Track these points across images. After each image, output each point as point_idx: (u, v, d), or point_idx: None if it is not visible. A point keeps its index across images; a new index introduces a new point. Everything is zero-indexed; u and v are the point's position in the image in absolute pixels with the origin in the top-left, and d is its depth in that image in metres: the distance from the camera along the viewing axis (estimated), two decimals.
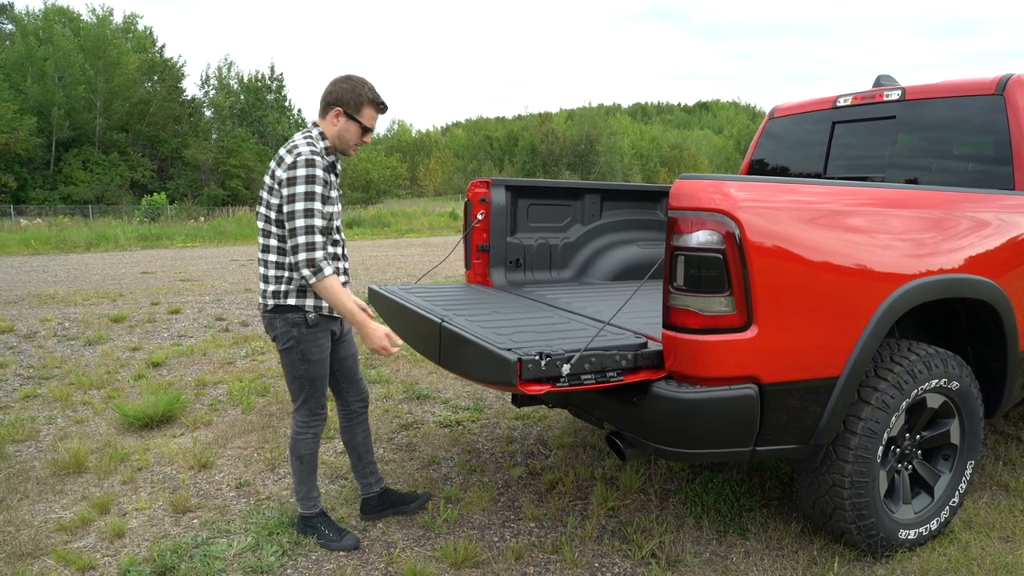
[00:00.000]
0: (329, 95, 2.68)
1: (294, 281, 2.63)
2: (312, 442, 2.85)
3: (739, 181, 2.38)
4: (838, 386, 2.52)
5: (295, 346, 2.69)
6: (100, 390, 4.98)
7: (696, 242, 2.29)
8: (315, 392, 2.79)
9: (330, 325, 2.77)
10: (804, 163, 4.38)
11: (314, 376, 2.76)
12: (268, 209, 2.61)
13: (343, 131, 2.68)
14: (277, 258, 2.63)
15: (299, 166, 2.51)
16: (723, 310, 2.32)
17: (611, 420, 2.62)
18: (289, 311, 2.65)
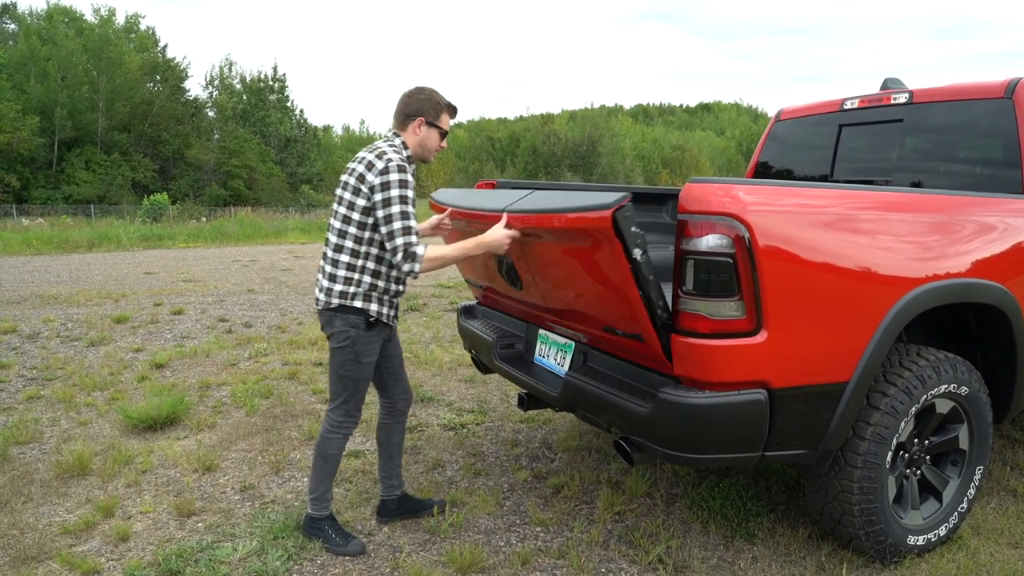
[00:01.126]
0: (408, 107, 2.81)
1: (363, 285, 2.72)
2: (340, 443, 2.89)
3: (749, 185, 2.37)
4: (847, 391, 2.50)
5: (350, 346, 2.75)
6: (104, 391, 4.97)
7: (706, 246, 2.27)
8: (356, 394, 2.84)
9: (385, 331, 2.86)
10: (811, 166, 4.37)
11: (360, 378, 2.81)
12: (350, 210, 2.68)
13: (425, 139, 2.83)
14: (350, 259, 2.71)
15: (391, 171, 2.61)
16: (733, 314, 2.30)
17: (619, 424, 2.60)
18: (351, 312, 2.72)
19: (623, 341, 2.57)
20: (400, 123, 2.82)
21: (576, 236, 2.43)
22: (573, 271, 2.59)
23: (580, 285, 2.61)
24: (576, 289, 2.65)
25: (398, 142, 2.79)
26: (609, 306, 2.52)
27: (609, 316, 2.55)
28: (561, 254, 2.60)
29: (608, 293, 2.46)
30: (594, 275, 2.48)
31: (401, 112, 2.82)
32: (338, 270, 2.72)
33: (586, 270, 2.51)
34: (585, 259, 2.48)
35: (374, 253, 2.71)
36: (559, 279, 2.73)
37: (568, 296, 2.75)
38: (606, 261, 2.36)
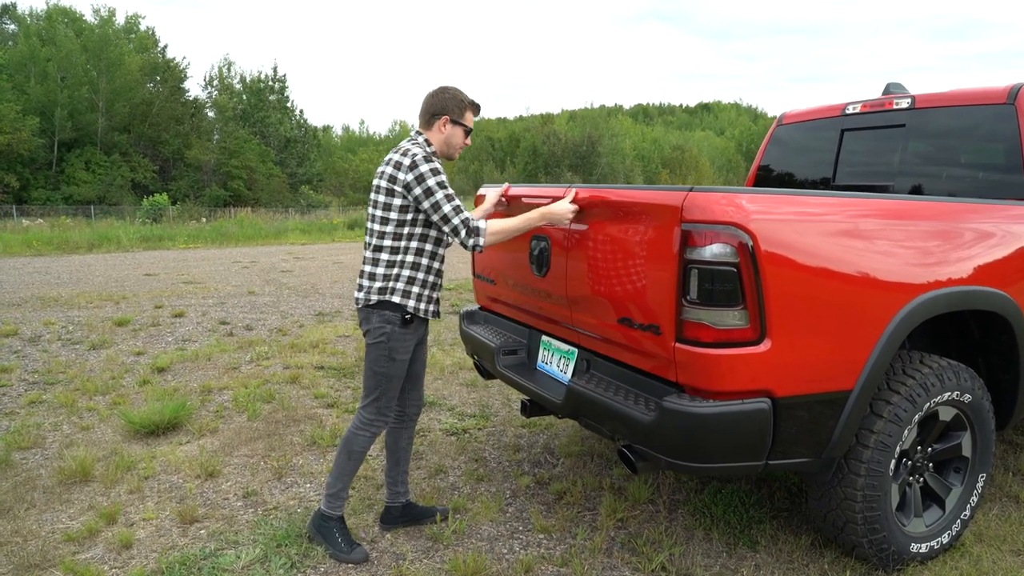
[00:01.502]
0: (433, 107, 2.88)
1: (402, 279, 2.79)
2: (368, 441, 2.91)
3: (752, 193, 2.37)
4: (851, 399, 2.50)
5: (385, 342, 2.80)
6: (105, 396, 4.97)
7: (710, 255, 2.27)
8: (388, 391, 2.87)
9: (420, 329, 2.91)
10: (813, 170, 4.37)
11: (393, 375, 2.84)
12: (387, 211, 2.76)
13: (450, 136, 2.90)
14: (390, 256, 2.78)
15: (419, 164, 2.70)
16: (736, 323, 2.30)
17: (622, 433, 2.60)
18: (389, 307, 2.78)
19: (634, 336, 2.56)
20: (425, 122, 2.90)
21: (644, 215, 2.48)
22: (618, 252, 2.60)
23: (619, 267, 2.60)
24: (612, 272, 2.64)
25: (421, 140, 2.86)
26: (638, 292, 2.51)
27: (632, 304, 2.54)
28: (614, 234, 2.63)
29: (645, 277, 2.48)
30: (640, 257, 2.50)
31: (426, 111, 2.89)
32: (378, 268, 2.80)
33: (634, 251, 2.52)
34: (639, 240, 2.50)
35: (413, 247, 2.79)
36: (598, 261, 2.72)
37: (598, 280, 2.73)
38: (660, 243, 2.39)
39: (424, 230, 2.80)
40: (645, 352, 2.55)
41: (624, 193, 2.61)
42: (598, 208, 2.73)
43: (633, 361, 2.65)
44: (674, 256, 2.34)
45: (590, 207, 2.78)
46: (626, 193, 2.60)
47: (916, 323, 2.57)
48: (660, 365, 2.50)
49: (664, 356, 2.44)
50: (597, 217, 2.74)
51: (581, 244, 2.82)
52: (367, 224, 2.86)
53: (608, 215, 2.68)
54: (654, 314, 2.44)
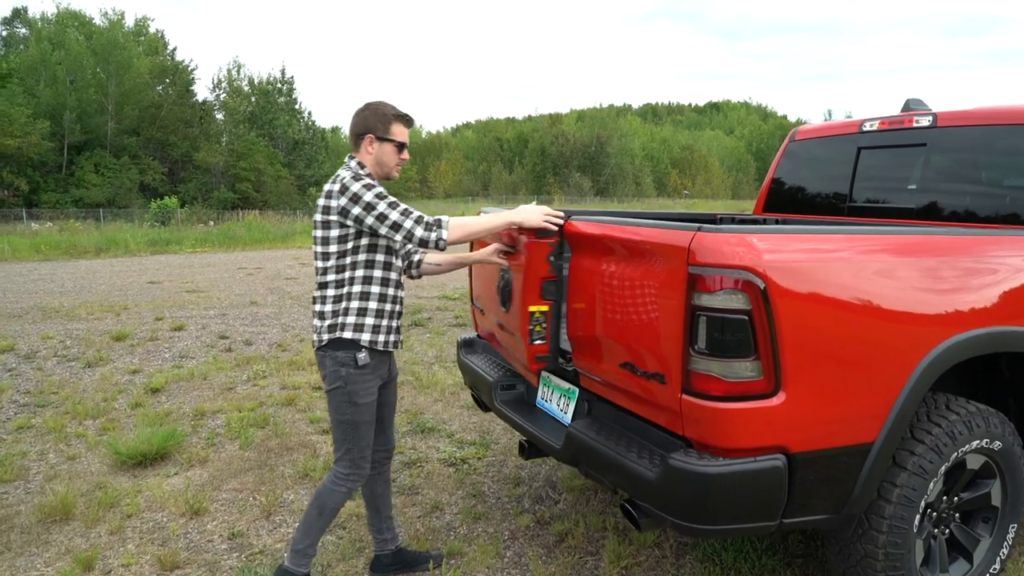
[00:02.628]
0: (356, 127, 2.69)
1: (351, 312, 2.58)
2: (343, 497, 2.69)
3: (766, 233, 2.19)
4: (873, 452, 2.31)
5: (342, 387, 2.58)
6: (96, 420, 4.84)
7: (720, 302, 2.09)
8: (359, 440, 2.65)
9: (380, 368, 2.68)
10: (827, 188, 4.17)
11: (359, 421, 2.62)
12: (326, 244, 2.57)
13: (380, 155, 2.69)
14: (335, 291, 2.59)
15: (349, 184, 2.51)
16: (749, 375, 2.12)
17: (625, 487, 2.43)
18: (340, 348, 2.57)
19: (637, 383, 2.37)
20: (354, 144, 2.71)
21: (647, 255, 2.30)
22: (620, 292, 2.40)
23: (621, 308, 2.40)
24: (613, 313, 2.44)
25: (353, 163, 2.66)
26: (641, 337, 2.32)
27: (635, 349, 2.35)
28: (616, 272, 2.43)
29: (649, 321, 2.28)
30: (644, 299, 2.30)
31: (352, 133, 2.71)
32: (326, 305, 2.60)
33: (637, 293, 2.33)
34: (642, 281, 2.31)
35: (359, 276, 2.59)
36: (598, 300, 2.51)
37: (598, 321, 2.53)
38: (665, 286, 2.21)
39: (368, 256, 2.59)
40: (649, 401, 2.37)
41: (627, 230, 2.42)
42: (598, 243, 2.55)
43: (636, 409, 2.48)
44: (681, 301, 2.16)
45: (589, 242, 2.60)
46: (629, 230, 2.40)
47: (945, 368, 2.38)
48: (665, 416, 2.32)
49: (669, 407, 2.26)
50: (597, 252, 2.56)
51: (580, 280, 2.64)
52: (315, 263, 2.65)
53: (609, 251, 2.50)
54: (659, 362, 2.26)
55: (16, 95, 36.66)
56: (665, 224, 2.29)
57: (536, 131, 74.60)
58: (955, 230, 2.79)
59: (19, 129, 34.61)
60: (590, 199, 57.96)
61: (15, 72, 39.15)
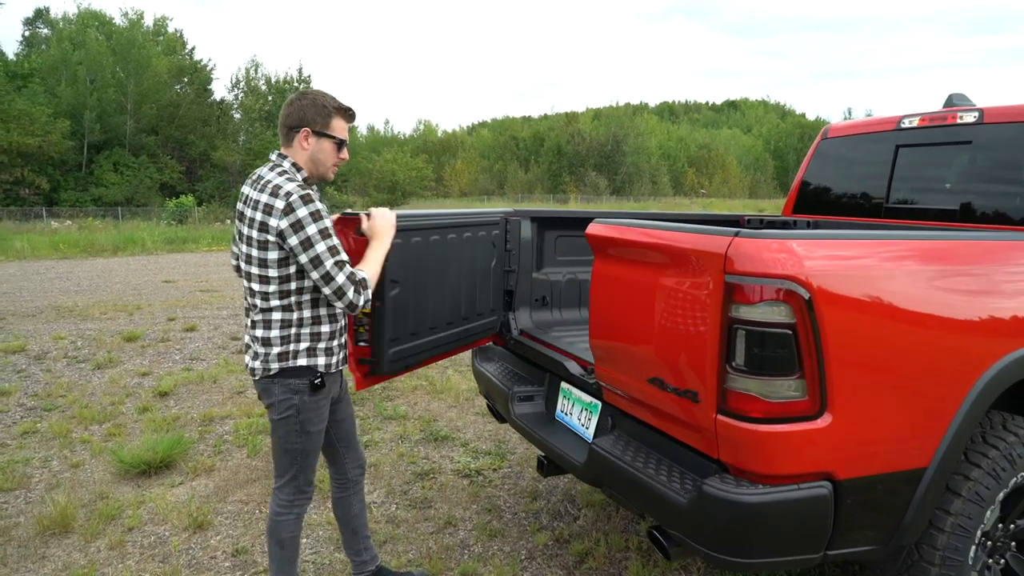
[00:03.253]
0: (289, 118, 2.35)
1: (304, 338, 2.33)
2: (295, 523, 2.49)
3: (811, 239, 1.99)
4: (925, 478, 2.12)
5: (294, 416, 2.34)
6: (102, 425, 4.72)
7: (760, 315, 1.90)
8: (306, 467, 2.45)
9: (332, 389, 2.46)
10: (863, 188, 3.95)
11: (309, 450, 2.43)
12: (263, 267, 2.25)
13: (316, 152, 2.36)
14: (283, 315, 2.30)
15: (296, 207, 2.18)
16: (792, 395, 1.93)
17: (653, 513, 2.24)
18: (292, 375, 2.32)
19: (666, 400, 2.19)
20: (285, 138, 2.36)
21: (679, 262, 2.10)
22: (649, 301, 2.20)
23: (650, 318, 2.20)
24: (640, 322, 2.25)
25: (287, 165, 2.33)
26: (672, 350, 2.12)
27: (664, 363, 2.16)
28: (644, 279, 2.24)
29: (680, 333, 2.08)
30: (675, 309, 2.10)
31: (283, 125, 2.36)
32: (271, 331, 2.30)
33: (667, 302, 2.12)
34: (673, 289, 2.10)
35: (307, 300, 2.31)
36: (625, 308, 2.33)
37: (623, 331, 2.35)
38: (698, 296, 2.00)
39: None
40: (679, 420, 2.18)
41: (656, 234, 2.23)
42: (623, 248, 2.37)
43: (665, 427, 2.29)
44: (716, 313, 1.97)
45: (613, 246, 2.41)
46: (658, 235, 2.21)
47: (1006, 386, 2.18)
48: (697, 437, 2.13)
49: (703, 428, 2.07)
50: (622, 257, 2.38)
51: (604, 288, 2.46)
52: (247, 279, 2.33)
53: (636, 257, 2.31)
54: (691, 379, 2.07)
55: (37, 94, 37.03)
56: (698, 228, 2.10)
57: (552, 130, 74.29)
58: (1016, 235, 2.57)
59: (40, 128, 34.96)
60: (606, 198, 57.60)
61: (37, 72, 39.56)
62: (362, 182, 50.36)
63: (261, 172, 2.33)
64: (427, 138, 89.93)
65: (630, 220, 2.47)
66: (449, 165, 74.71)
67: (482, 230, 3.15)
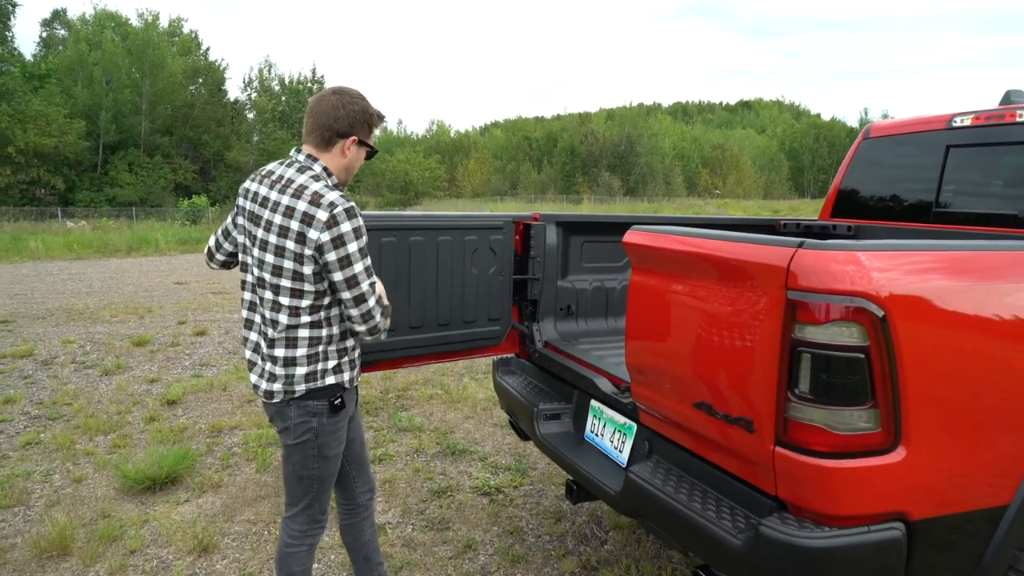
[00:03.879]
0: (339, 122, 2.11)
1: (331, 355, 2.13)
2: (307, 555, 2.28)
3: (883, 250, 1.77)
4: (1007, 516, 1.89)
5: (312, 440, 2.14)
6: (107, 435, 4.56)
7: (829, 336, 1.68)
8: (322, 495, 2.25)
9: (350, 407, 2.26)
10: (909, 191, 3.71)
11: (326, 476, 2.23)
12: (298, 280, 2.03)
13: (353, 161, 2.19)
14: (311, 332, 2.08)
15: (341, 221, 2.00)
16: (864, 427, 1.71)
17: (700, 553, 2.03)
18: (314, 396, 2.11)
19: (715, 428, 1.97)
20: (324, 141, 2.12)
21: (734, 275, 1.87)
22: (697, 318, 1.99)
23: (698, 337, 1.98)
24: (687, 342, 2.03)
25: (318, 169, 2.11)
26: (723, 373, 1.90)
27: (714, 387, 1.94)
28: (693, 294, 2.03)
29: (734, 355, 1.86)
30: (728, 329, 1.88)
31: (327, 128, 2.11)
32: (297, 349, 2.07)
33: (719, 320, 1.90)
34: (726, 306, 1.88)
35: (336, 313, 2.12)
36: (673, 326, 2.11)
37: (670, 351, 2.12)
38: (756, 314, 1.79)
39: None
40: (729, 450, 1.97)
41: (706, 244, 2.00)
42: (668, 258, 2.15)
43: (711, 456, 2.08)
44: (777, 334, 1.76)
45: (656, 256, 2.20)
46: (710, 245, 1.99)
47: None
48: (751, 470, 1.91)
49: (758, 461, 1.86)
50: (666, 269, 2.16)
51: (643, 302, 2.24)
52: (259, 289, 2.10)
53: (683, 269, 2.09)
54: (745, 405, 1.85)
55: (54, 95, 37.27)
56: (753, 238, 1.88)
57: (565, 130, 74.00)
58: None
59: (56, 129, 35.16)
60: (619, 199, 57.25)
61: (53, 72, 39.82)
62: (375, 182, 50.37)
63: (282, 172, 2.11)
64: (440, 138, 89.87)
65: (671, 228, 2.25)
66: (462, 165, 74.60)
67: (473, 234, 2.96)
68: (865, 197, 3.96)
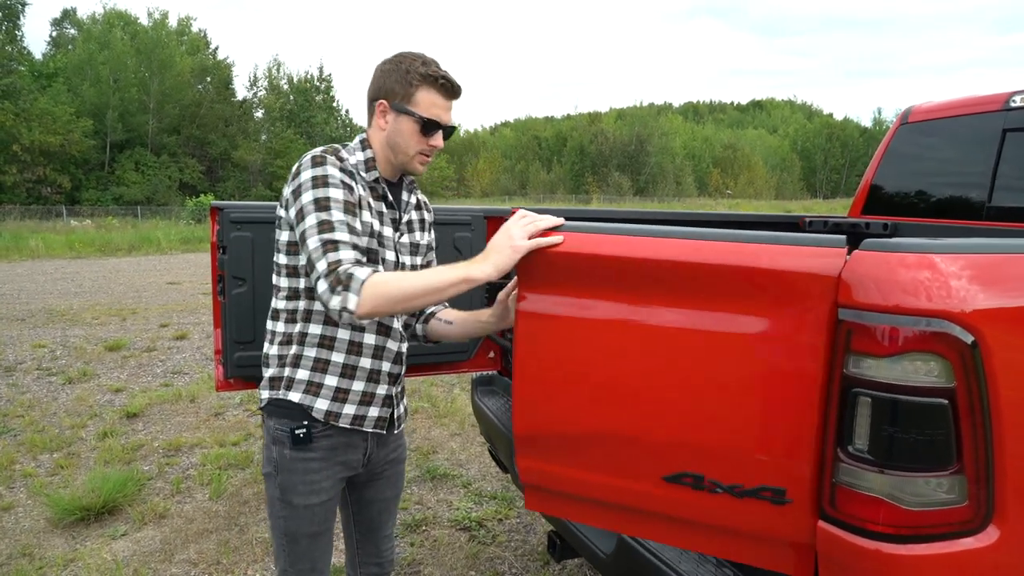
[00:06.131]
0: (369, 88, 1.71)
1: (303, 362, 1.63)
2: None
3: (968, 252, 1.29)
4: None
5: (274, 475, 1.64)
6: (54, 454, 4.13)
7: (898, 374, 1.20)
8: (297, 559, 1.67)
9: (345, 454, 1.67)
10: (956, 183, 3.21)
11: (295, 532, 1.65)
12: (277, 252, 1.68)
13: (394, 133, 1.66)
14: (285, 328, 1.66)
15: (303, 169, 1.57)
16: (944, 499, 1.23)
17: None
18: (281, 414, 1.63)
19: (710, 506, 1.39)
20: (368, 113, 1.75)
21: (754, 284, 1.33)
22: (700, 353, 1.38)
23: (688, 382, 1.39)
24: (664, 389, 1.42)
25: (355, 141, 1.73)
26: (738, 426, 1.35)
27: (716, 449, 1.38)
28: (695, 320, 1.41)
29: (755, 400, 1.33)
30: (746, 363, 1.34)
31: (367, 97, 1.73)
32: (272, 347, 1.68)
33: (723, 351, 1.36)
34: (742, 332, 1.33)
35: (320, 308, 1.62)
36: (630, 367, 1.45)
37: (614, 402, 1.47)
38: (786, 340, 1.29)
39: None
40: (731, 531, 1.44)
41: (712, 250, 1.38)
42: (655, 270, 1.45)
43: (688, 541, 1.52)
44: (820, 369, 1.27)
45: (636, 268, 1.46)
46: (717, 249, 1.37)
47: None
48: (772, 553, 1.41)
49: (786, 540, 1.37)
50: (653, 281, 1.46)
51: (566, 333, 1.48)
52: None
53: (677, 280, 1.43)
54: (773, 468, 1.36)
55: (61, 94, 37.17)
56: (787, 237, 1.38)
57: (575, 130, 73.44)
58: None
59: (62, 127, 35.05)
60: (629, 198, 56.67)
61: (61, 71, 39.76)
62: None
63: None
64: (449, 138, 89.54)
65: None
66: (471, 165, 74.17)
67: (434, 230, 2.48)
68: (903, 191, 3.46)
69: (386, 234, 1.68)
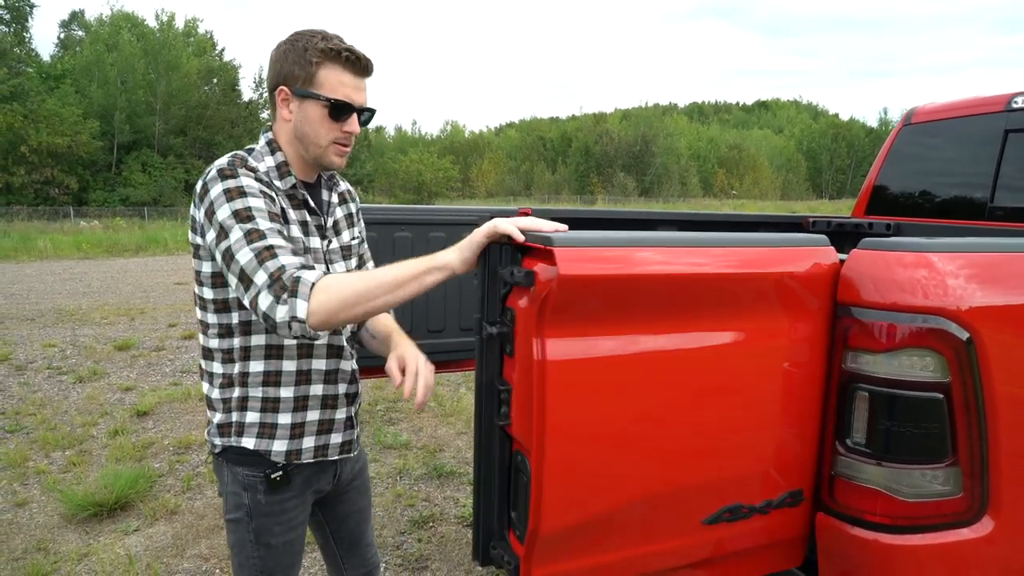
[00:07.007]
0: (268, 76, 1.50)
1: (249, 406, 1.48)
2: None
3: (964, 251, 1.32)
4: None
5: (245, 520, 1.53)
6: (65, 451, 4.19)
7: (896, 369, 1.24)
8: None
9: (315, 482, 1.60)
10: (959, 183, 3.24)
11: (274, 569, 1.58)
12: (200, 285, 1.48)
13: (301, 123, 1.47)
14: (223, 368, 1.49)
15: (211, 185, 1.38)
16: (940, 490, 1.27)
17: None
18: (243, 461, 1.51)
19: (747, 530, 1.36)
20: (271, 107, 1.53)
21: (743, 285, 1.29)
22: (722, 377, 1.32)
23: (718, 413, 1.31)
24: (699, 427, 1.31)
25: (260, 144, 1.53)
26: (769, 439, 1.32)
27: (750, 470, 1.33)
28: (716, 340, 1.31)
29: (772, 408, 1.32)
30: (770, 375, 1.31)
31: (267, 87, 1.53)
32: (213, 389, 1.52)
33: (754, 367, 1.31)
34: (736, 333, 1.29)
35: (259, 343, 1.47)
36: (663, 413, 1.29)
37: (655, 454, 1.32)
38: (783, 339, 1.30)
39: None
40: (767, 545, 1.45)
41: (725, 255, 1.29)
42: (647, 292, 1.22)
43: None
44: (819, 364, 1.32)
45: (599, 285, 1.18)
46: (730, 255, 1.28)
47: None
48: (775, 555, 1.45)
49: (798, 536, 1.41)
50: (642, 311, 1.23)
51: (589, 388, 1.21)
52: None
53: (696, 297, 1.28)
54: (789, 474, 1.36)
55: (68, 95, 37.36)
56: (788, 238, 1.41)
57: (580, 130, 73.46)
58: None
59: (69, 128, 35.22)
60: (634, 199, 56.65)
61: (69, 73, 39.96)
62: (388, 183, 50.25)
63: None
64: (454, 139, 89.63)
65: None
66: (476, 166, 74.24)
67: (441, 230, 2.53)
68: (906, 191, 3.49)
69: (314, 246, 1.53)
